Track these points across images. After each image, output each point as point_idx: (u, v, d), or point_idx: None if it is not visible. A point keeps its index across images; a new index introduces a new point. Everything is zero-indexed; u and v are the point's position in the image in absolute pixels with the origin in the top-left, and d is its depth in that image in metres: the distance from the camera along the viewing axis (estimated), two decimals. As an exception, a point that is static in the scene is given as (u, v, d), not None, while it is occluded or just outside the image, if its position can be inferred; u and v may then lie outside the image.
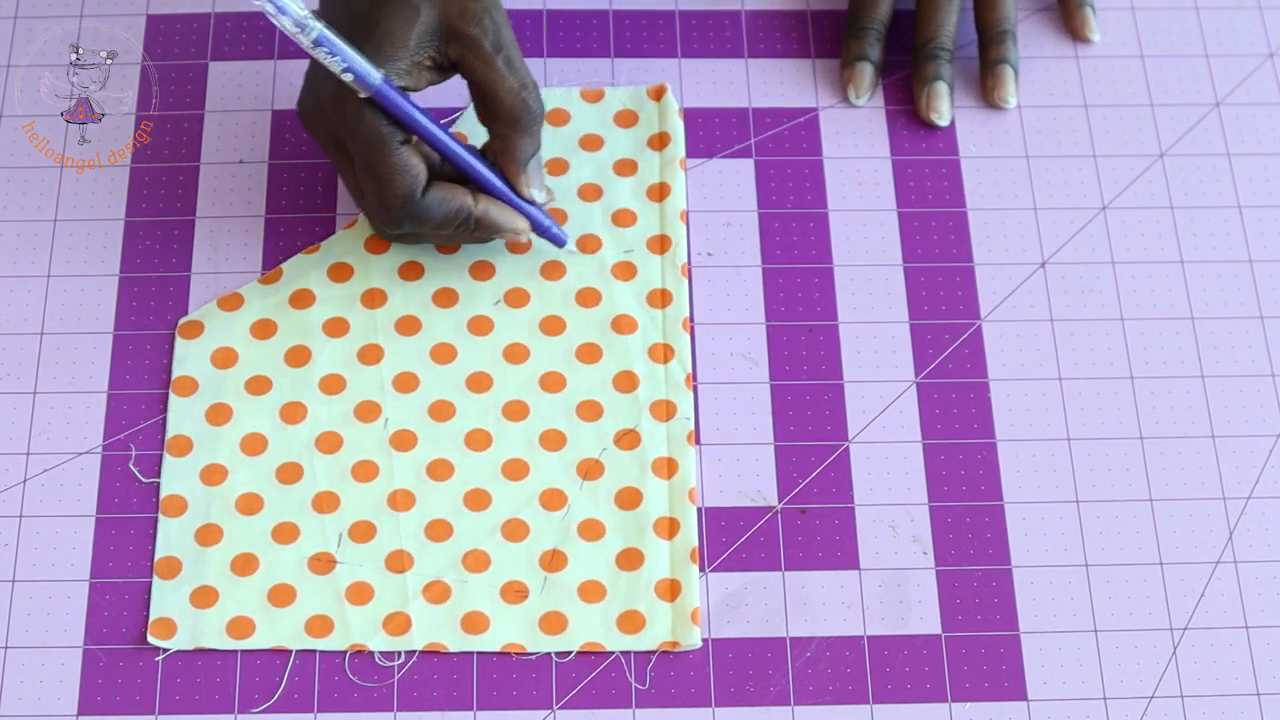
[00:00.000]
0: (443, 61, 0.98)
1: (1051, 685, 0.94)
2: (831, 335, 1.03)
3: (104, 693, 0.93)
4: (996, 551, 0.97)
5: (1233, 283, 1.05)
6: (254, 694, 0.93)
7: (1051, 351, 1.02)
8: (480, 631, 0.95)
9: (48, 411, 0.99)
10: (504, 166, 1.00)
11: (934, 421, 1.00)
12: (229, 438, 0.99)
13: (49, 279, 1.03)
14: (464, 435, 0.99)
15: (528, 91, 0.99)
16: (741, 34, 1.12)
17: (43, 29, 1.10)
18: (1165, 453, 1.00)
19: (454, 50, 0.98)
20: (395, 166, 0.96)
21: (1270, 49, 1.12)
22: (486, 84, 0.98)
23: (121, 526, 0.96)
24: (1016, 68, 1.09)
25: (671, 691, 0.93)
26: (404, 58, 0.97)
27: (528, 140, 1.00)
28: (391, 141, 0.96)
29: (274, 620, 0.94)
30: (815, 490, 0.98)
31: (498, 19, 0.98)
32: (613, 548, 0.97)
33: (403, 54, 0.97)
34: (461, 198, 0.99)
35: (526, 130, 0.99)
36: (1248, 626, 0.95)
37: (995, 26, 1.10)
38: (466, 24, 0.97)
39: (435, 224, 0.98)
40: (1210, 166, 1.08)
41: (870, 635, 0.95)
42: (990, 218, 1.06)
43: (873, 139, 1.08)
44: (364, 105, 0.96)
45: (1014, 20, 1.10)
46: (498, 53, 0.98)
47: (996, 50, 1.09)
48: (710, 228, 1.06)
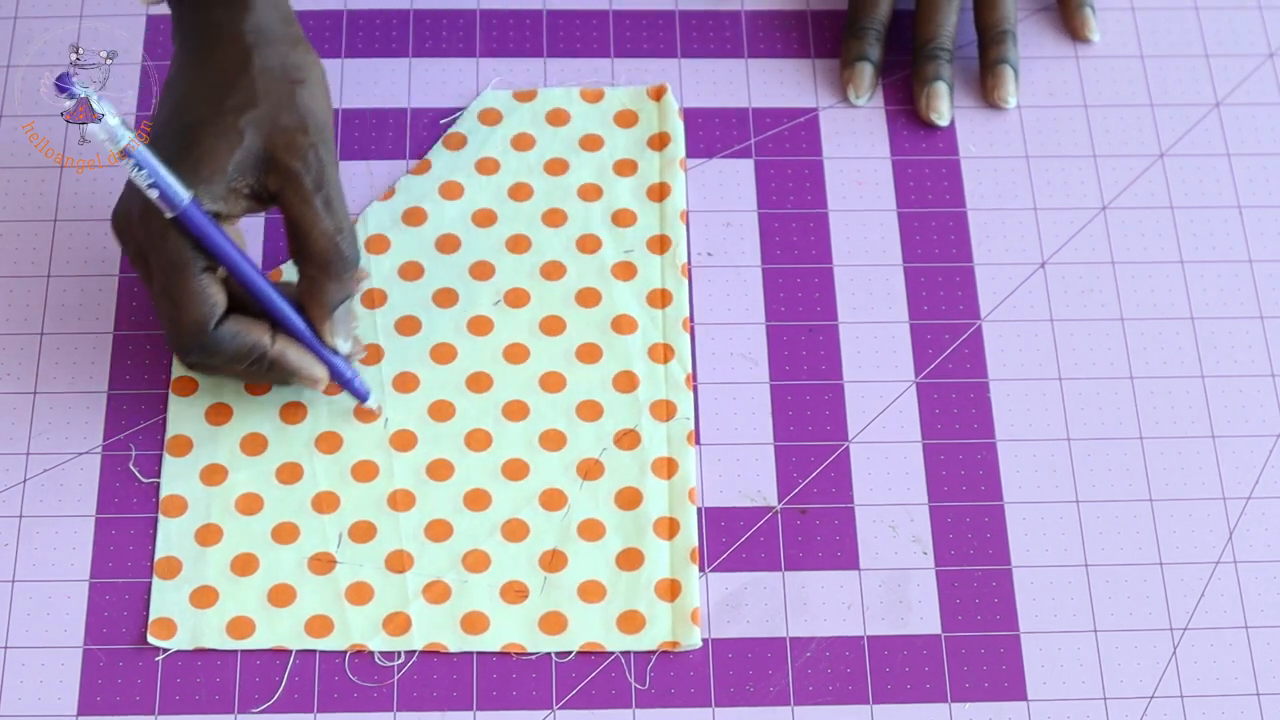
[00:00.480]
0: (261, 192, 0.94)
1: (1051, 685, 0.94)
2: (831, 335, 1.03)
3: (104, 693, 0.93)
4: (996, 551, 0.97)
5: (1233, 283, 1.05)
6: (254, 694, 0.93)
7: (1051, 351, 1.02)
8: (480, 631, 0.95)
9: (48, 411, 0.99)
10: (310, 310, 0.96)
11: (934, 421, 1.00)
12: (229, 438, 0.99)
13: (49, 279, 1.03)
14: (464, 435, 0.99)
15: (342, 236, 0.94)
16: (741, 34, 1.12)
17: (42, 29, 1.10)
18: (1165, 453, 1.00)
19: (274, 182, 0.94)
20: (191, 293, 0.92)
21: (1270, 49, 1.12)
22: (301, 222, 0.93)
23: (121, 526, 0.96)
24: (1016, 68, 1.09)
25: (671, 691, 0.93)
26: (220, 182, 0.93)
27: (337, 286, 0.95)
28: (192, 267, 0.92)
29: (274, 620, 0.94)
30: (815, 490, 0.98)
31: (324, 156, 0.94)
32: (613, 548, 0.97)
33: (219, 178, 0.93)
34: (258, 335, 0.94)
35: (336, 276, 0.94)
36: (1248, 626, 0.95)
37: (995, 26, 1.10)
38: (290, 157, 0.93)
39: (226, 358, 0.94)
40: (1210, 166, 1.08)
41: (870, 635, 0.95)
42: (990, 218, 1.06)
43: (873, 139, 1.08)
44: (169, 225, 0.91)
45: (1014, 20, 1.10)
46: (317, 191, 0.93)
47: (996, 50, 1.09)
48: (710, 228, 1.06)
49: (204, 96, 0.95)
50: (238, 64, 0.95)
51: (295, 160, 0.93)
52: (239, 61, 0.95)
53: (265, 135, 0.93)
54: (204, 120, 0.94)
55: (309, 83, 0.96)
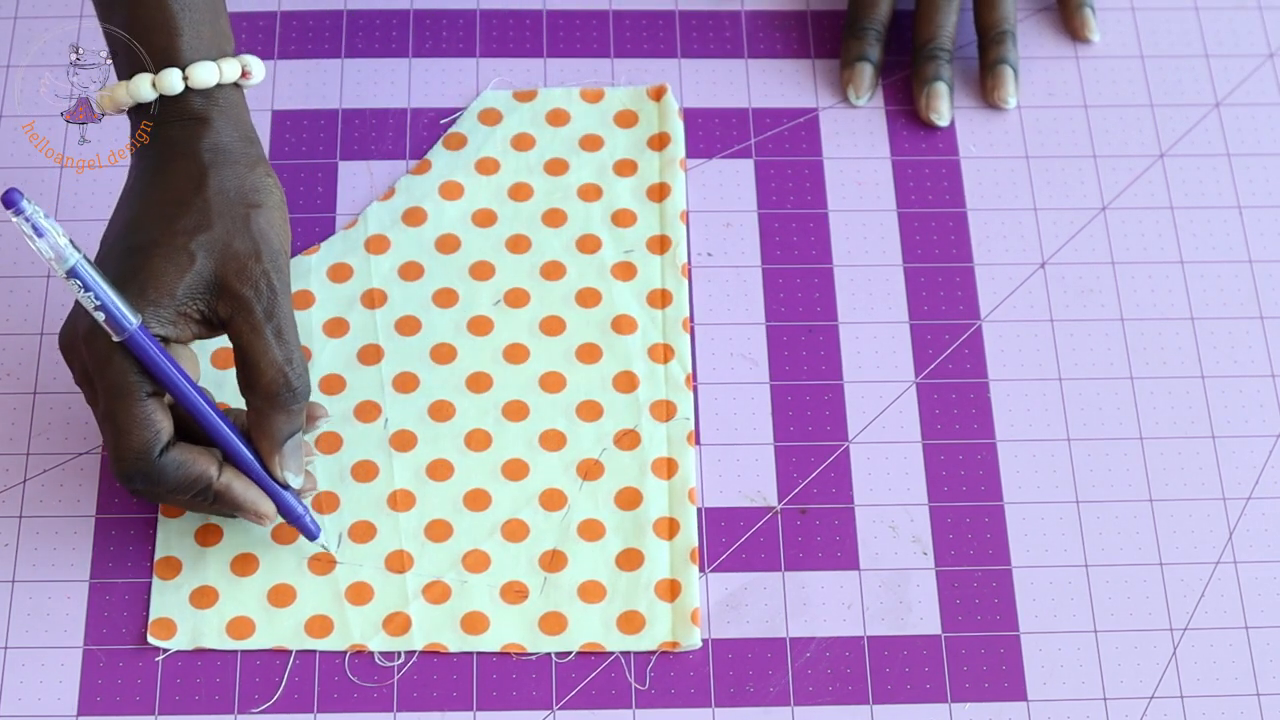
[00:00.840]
0: (212, 317, 0.91)
1: (1051, 685, 0.94)
2: (831, 335, 1.03)
3: (104, 693, 0.93)
4: (996, 552, 0.97)
5: (1233, 283, 1.05)
6: (254, 694, 0.93)
7: (1051, 351, 1.02)
8: (480, 632, 0.95)
9: (48, 411, 0.99)
10: (258, 443, 0.92)
11: (934, 422, 1.00)
12: (229, 438, 0.99)
13: (49, 279, 1.03)
14: (464, 435, 0.99)
15: (292, 368, 0.91)
16: (741, 34, 1.12)
17: (42, 29, 1.10)
18: (1165, 453, 1.00)
19: (224, 308, 0.91)
20: (135, 419, 0.89)
21: (1270, 49, 1.12)
22: (250, 352, 0.91)
23: (121, 527, 0.96)
24: (1016, 68, 1.09)
25: (671, 692, 0.93)
26: (168, 305, 0.90)
27: (285, 418, 0.92)
28: (137, 392, 0.89)
29: (274, 620, 0.94)
30: (815, 490, 0.98)
31: (276, 284, 0.91)
32: (613, 548, 0.97)
33: (167, 301, 0.90)
34: (204, 466, 0.91)
35: (284, 408, 0.92)
36: (1248, 627, 0.95)
37: (995, 27, 1.10)
38: (241, 284, 0.90)
39: (170, 487, 0.91)
40: (1210, 166, 1.08)
41: (870, 635, 0.95)
42: (990, 218, 1.06)
43: (873, 139, 1.08)
44: (115, 348, 0.89)
45: (1013, 21, 1.10)
46: (268, 320, 0.91)
47: (996, 51, 1.09)
48: (710, 228, 1.06)
49: (156, 216, 0.92)
50: (192, 184, 0.92)
51: (246, 287, 0.91)
52: (194, 181, 0.92)
53: (217, 260, 0.91)
54: (155, 241, 0.91)
55: (265, 207, 0.93)
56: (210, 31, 0.94)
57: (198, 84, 0.93)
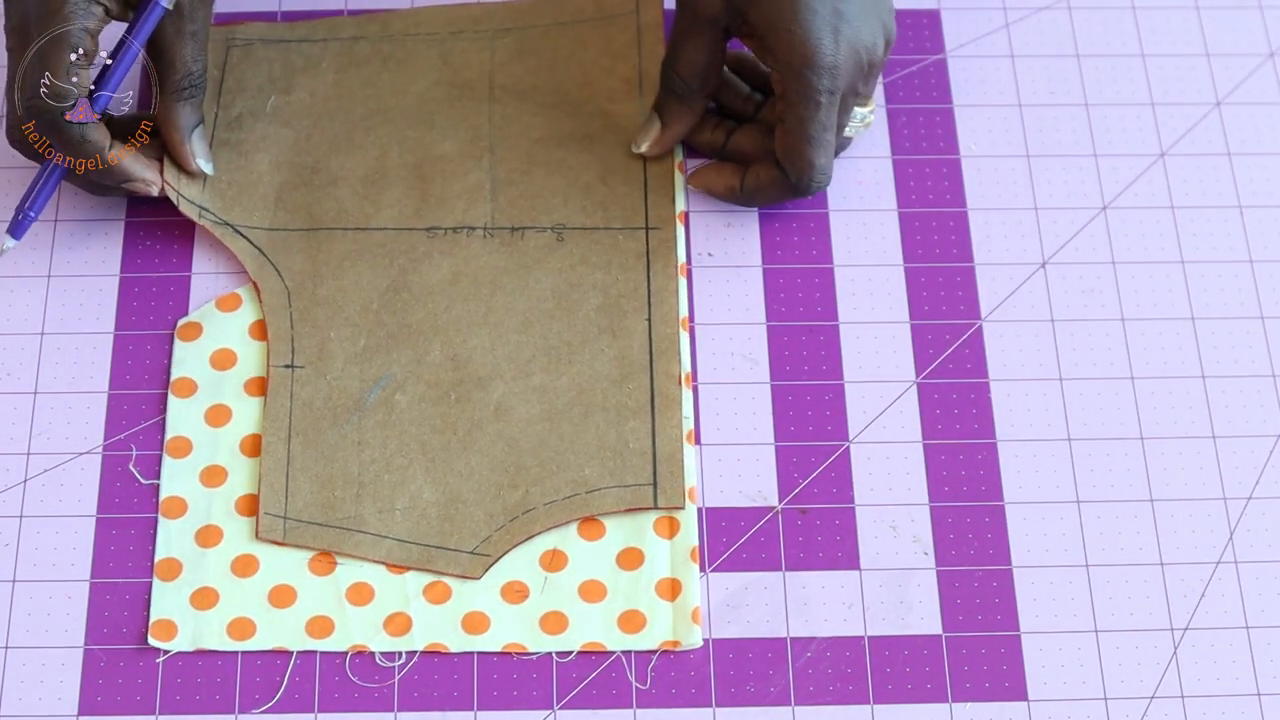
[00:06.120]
0: (113, 9, 0.99)
1: (1052, 685, 0.94)
2: (831, 335, 1.03)
3: (104, 693, 0.93)
4: (997, 551, 0.97)
5: (1233, 283, 1.05)
6: (254, 695, 0.93)
7: (1052, 351, 1.02)
8: (480, 631, 0.95)
9: (48, 411, 0.99)
10: (167, 135, 1.02)
11: (934, 421, 1.00)
12: (228, 439, 0.99)
13: (49, 279, 1.03)
14: (464, 435, 0.99)
15: (199, 66, 1.01)
16: (741, 33, 1.12)
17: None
18: (1165, 453, 1.00)
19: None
20: (65, 43, 0.97)
21: (1270, 49, 1.12)
22: (169, 50, 1.00)
23: (122, 527, 0.96)
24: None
25: (672, 691, 0.93)
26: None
27: (190, 111, 1.02)
28: (75, 21, 0.97)
29: (274, 621, 0.94)
30: (815, 490, 0.98)
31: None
32: (613, 547, 0.97)
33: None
34: (103, 133, 0.99)
35: (189, 99, 1.01)
36: (1248, 626, 0.96)
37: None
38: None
39: (64, 138, 0.98)
40: (1210, 166, 1.08)
41: (870, 635, 0.95)
42: (990, 218, 1.06)
43: (873, 139, 1.08)
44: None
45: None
46: (189, 23, 1.00)
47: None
48: (710, 228, 1.06)
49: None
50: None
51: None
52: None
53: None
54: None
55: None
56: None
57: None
